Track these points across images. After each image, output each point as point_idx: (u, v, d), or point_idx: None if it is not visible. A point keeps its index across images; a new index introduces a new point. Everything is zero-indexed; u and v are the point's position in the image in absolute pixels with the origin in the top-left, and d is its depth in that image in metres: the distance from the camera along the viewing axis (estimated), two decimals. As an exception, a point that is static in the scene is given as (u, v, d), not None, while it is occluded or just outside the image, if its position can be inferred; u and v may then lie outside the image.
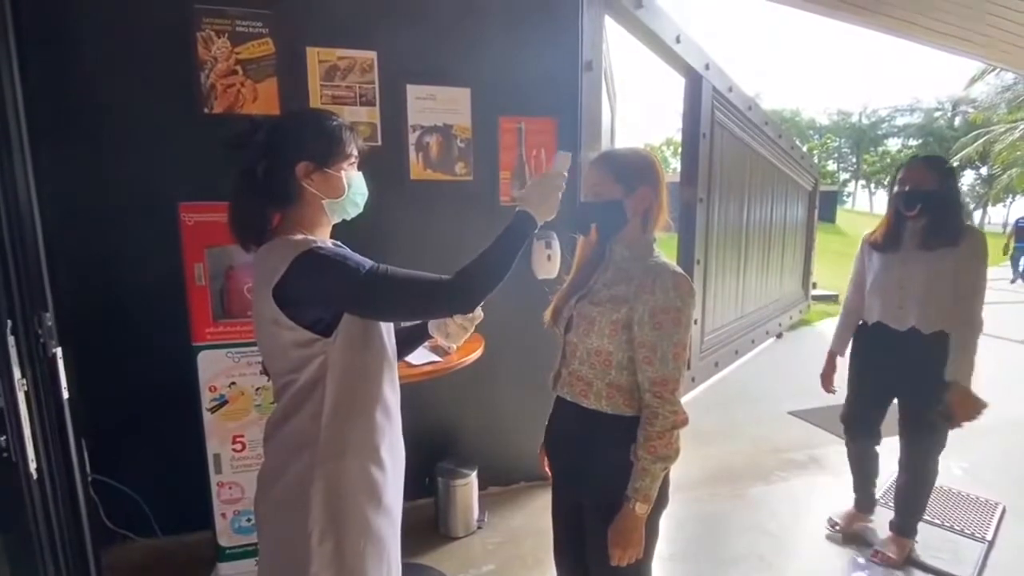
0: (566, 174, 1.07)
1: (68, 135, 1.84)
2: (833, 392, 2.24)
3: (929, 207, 1.85)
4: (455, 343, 1.18)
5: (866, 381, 2.11)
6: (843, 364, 2.22)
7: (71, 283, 1.80)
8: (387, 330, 1.06)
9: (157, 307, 1.87)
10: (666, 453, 1.08)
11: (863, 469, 2.25)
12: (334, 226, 1.08)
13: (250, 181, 0.96)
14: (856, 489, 2.30)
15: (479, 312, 1.10)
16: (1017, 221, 11.54)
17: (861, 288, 2.12)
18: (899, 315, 1.96)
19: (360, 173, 1.07)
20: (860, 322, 2.15)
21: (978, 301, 1.83)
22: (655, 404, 1.07)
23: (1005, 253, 11.28)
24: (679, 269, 1.12)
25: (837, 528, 2.26)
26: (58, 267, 1.49)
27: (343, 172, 1.01)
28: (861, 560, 2.12)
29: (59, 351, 1.37)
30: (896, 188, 1.94)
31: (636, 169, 1.18)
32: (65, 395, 1.39)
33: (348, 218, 1.07)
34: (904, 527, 2.10)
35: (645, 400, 1.09)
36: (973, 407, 1.82)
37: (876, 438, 2.17)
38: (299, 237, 0.95)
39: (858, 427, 2.19)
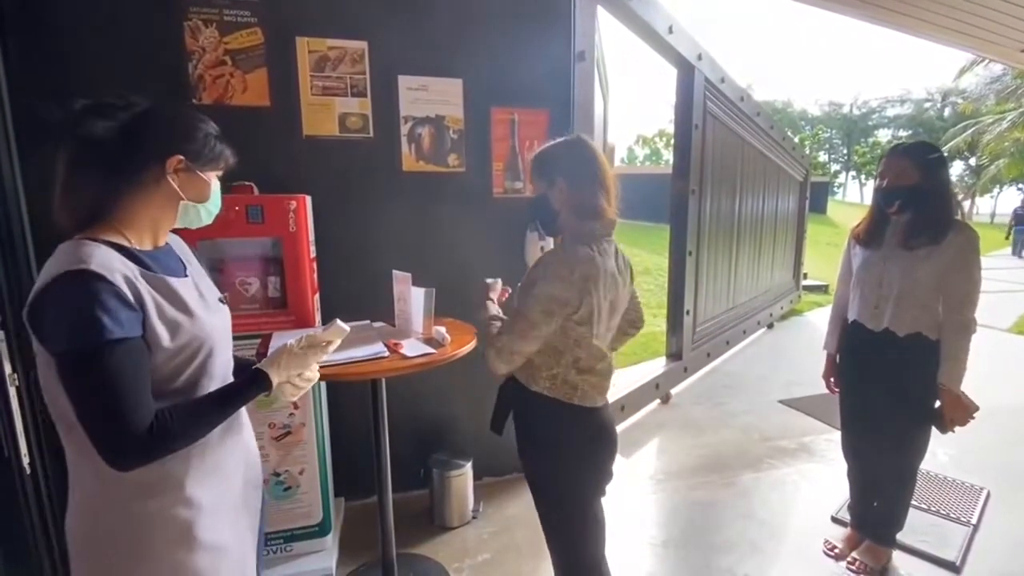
0: (337, 343, 1.00)
1: (56, 128, 1.81)
2: (835, 393, 2.09)
3: (910, 204, 1.70)
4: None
5: (852, 383, 1.99)
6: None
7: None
8: (209, 334, 0.91)
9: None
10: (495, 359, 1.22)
11: (859, 480, 2.07)
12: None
13: (103, 158, 0.84)
14: (852, 506, 2.13)
15: (315, 373, 1.01)
16: (1016, 209, 14.73)
17: (847, 282, 2.01)
18: (874, 315, 1.85)
19: (219, 185, 1.00)
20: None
21: (971, 305, 1.69)
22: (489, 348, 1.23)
23: (1007, 238, 15.05)
24: (584, 255, 1.17)
25: (835, 551, 2.09)
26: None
27: (212, 177, 0.96)
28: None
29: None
30: (876, 181, 1.81)
31: (551, 161, 1.23)
32: (56, 390, 1.38)
33: (192, 227, 0.98)
34: (882, 536, 2.02)
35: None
36: (964, 411, 1.74)
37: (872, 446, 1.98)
38: (89, 248, 0.79)
39: (849, 434, 2.05)
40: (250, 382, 0.92)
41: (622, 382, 3.55)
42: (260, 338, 1.68)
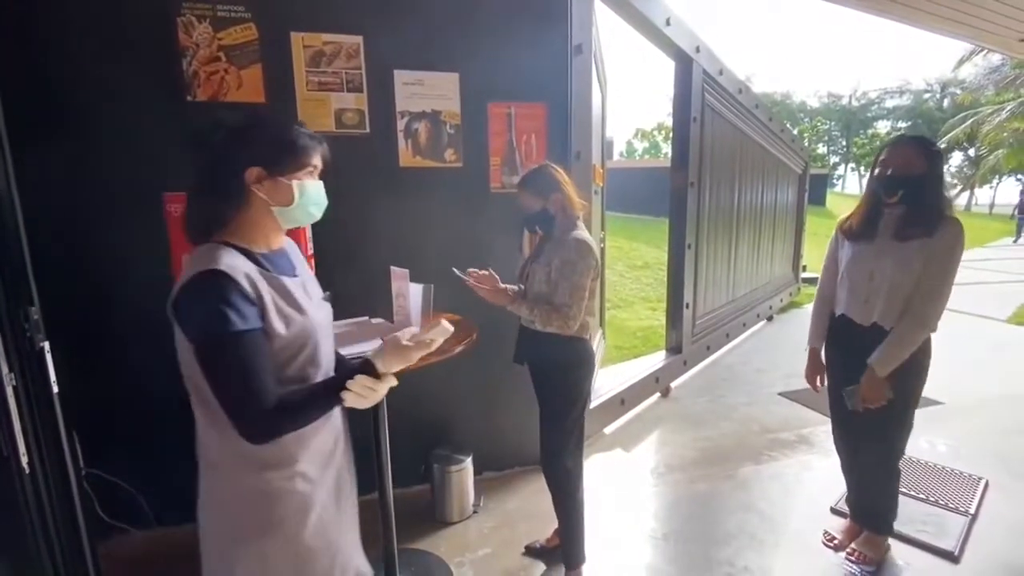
0: (436, 346, 1.02)
1: (48, 126, 1.80)
2: (819, 391, 2.09)
3: (911, 194, 1.68)
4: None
5: (840, 378, 1.96)
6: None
7: (57, 277, 1.78)
8: (309, 334, 1.01)
9: (146, 299, 1.84)
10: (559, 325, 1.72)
11: (851, 472, 2.10)
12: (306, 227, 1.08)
13: (202, 180, 0.97)
14: (848, 497, 2.17)
15: (385, 388, 1.02)
16: (1022, 194, 16.75)
17: (834, 276, 1.96)
18: (864, 309, 1.82)
19: (319, 183, 1.05)
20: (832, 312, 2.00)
21: (940, 301, 1.67)
22: (555, 317, 1.70)
23: (1012, 217, 17.55)
24: (584, 236, 1.72)
25: (835, 542, 2.10)
26: (43, 261, 1.47)
27: (295, 181, 0.99)
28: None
29: (47, 345, 1.36)
30: (877, 170, 1.75)
31: (545, 183, 1.75)
32: (55, 389, 1.38)
33: (302, 225, 1.06)
34: (878, 526, 2.02)
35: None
36: (880, 394, 1.74)
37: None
38: (221, 251, 0.92)
39: (839, 427, 2.08)
40: (360, 372, 0.98)
41: (622, 376, 3.55)
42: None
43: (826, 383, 2.05)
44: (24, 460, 1.22)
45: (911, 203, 1.69)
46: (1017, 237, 15.63)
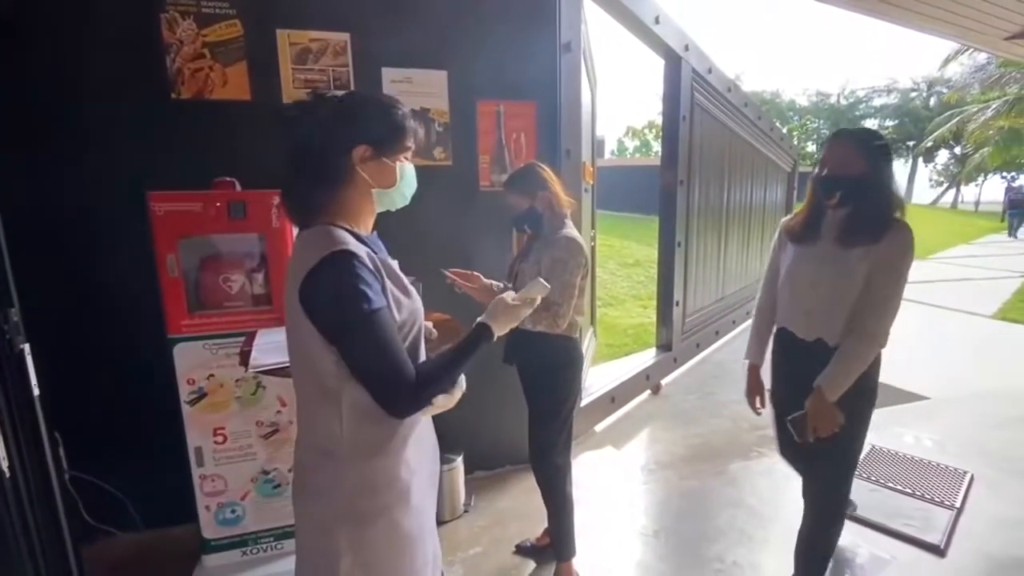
0: (539, 301, 1.11)
1: (28, 124, 1.77)
2: (759, 414, 1.89)
3: (852, 196, 1.47)
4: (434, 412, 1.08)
5: (781, 400, 1.76)
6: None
7: (38, 277, 1.75)
8: (416, 332, 1.03)
9: (130, 300, 1.83)
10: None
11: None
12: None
13: (302, 159, 0.93)
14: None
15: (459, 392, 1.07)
16: (1009, 194, 17.16)
17: (774, 284, 1.73)
18: (805, 322, 1.60)
19: (412, 166, 1.04)
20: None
21: (889, 315, 1.47)
22: (544, 315, 1.69)
23: (1002, 220, 17.76)
24: (574, 235, 1.73)
25: None
26: (22, 261, 1.44)
27: (398, 163, 0.99)
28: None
29: (27, 347, 1.34)
30: (816, 168, 1.55)
31: (532, 182, 1.76)
32: (35, 392, 1.35)
33: (393, 209, 1.06)
34: (809, 570, 1.76)
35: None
36: (831, 420, 1.50)
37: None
38: (338, 230, 0.92)
39: (784, 456, 1.86)
40: (478, 335, 1.02)
41: (612, 374, 3.56)
42: (244, 336, 1.66)
43: (766, 405, 1.84)
44: (4, 464, 1.20)
45: (854, 205, 1.49)
46: (1011, 232, 15.94)
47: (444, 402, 1.00)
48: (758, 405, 1.86)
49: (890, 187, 1.50)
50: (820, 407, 1.50)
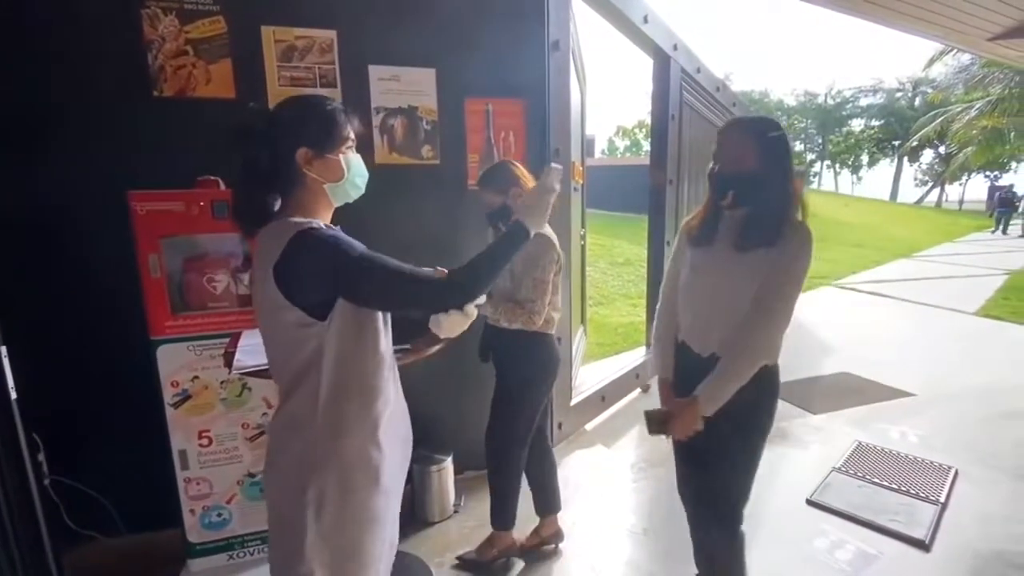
0: (558, 186, 1.10)
1: (5, 122, 1.73)
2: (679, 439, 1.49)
3: (746, 195, 1.31)
4: (451, 335, 1.16)
5: None
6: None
7: (15, 278, 1.72)
8: (384, 318, 1.06)
9: (111, 302, 1.80)
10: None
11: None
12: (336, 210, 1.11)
13: (252, 169, 0.98)
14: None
15: (474, 309, 1.12)
16: (997, 193, 18.67)
17: (675, 289, 1.53)
18: (703, 335, 1.42)
19: (358, 155, 1.08)
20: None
21: (774, 326, 1.32)
22: (519, 312, 1.74)
23: (990, 216, 18.89)
24: (545, 231, 1.71)
25: None
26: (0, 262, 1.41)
27: (341, 156, 1.03)
28: (827, 527, 2.21)
29: (3, 350, 1.31)
30: (711, 163, 1.39)
31: (503, 179, 1.76)
32: (13, 395, 1.33)
33: (350, 200, 1.09)
34: None
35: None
36: (688, 427, 1.35)
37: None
38: (298, 219, 0.97)
39: (681, 495, 1.63)
40: (513, 232, 1.05)
41: (603, 372, 3.56)
42: (229, 336, 1.63)
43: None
44: (-21, 468, 1.17)
45: (750, 205, 1.33)
46: (998, 229, 17.05)
47: (460, 320, 1.08)
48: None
49: (788, 184, 1.33)
50: (688, 414, 1.34)
